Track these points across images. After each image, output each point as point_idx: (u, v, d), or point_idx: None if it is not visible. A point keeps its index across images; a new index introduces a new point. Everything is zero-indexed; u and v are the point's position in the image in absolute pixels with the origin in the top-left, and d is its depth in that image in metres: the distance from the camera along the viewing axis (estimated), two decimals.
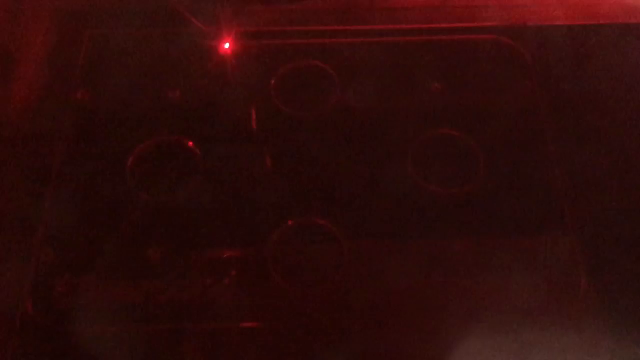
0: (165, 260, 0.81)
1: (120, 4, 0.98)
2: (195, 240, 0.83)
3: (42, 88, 0.93)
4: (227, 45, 0.94)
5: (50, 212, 0.84)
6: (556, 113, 0.91)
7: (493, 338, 0.75)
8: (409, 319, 0.78)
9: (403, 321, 0.78)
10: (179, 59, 0.96)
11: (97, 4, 0.99)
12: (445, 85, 0.93)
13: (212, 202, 0.85)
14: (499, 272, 0.80)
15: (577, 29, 0.97)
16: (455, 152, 0.88)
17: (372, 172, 0.87)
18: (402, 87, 0.94)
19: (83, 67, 0.95)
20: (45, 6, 0.98)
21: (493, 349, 0.74)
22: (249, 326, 0.77)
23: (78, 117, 0.91)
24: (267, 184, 0.87)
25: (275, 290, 0.79)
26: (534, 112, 0.91)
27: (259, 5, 1.00)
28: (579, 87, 0.93)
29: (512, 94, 0.93)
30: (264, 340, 0.77)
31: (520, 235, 0.82)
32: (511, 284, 0.79)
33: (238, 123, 0.91)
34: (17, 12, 0.93)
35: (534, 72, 0.94)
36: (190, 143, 0.89)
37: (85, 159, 0.88)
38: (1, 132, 0.89)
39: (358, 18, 1.00)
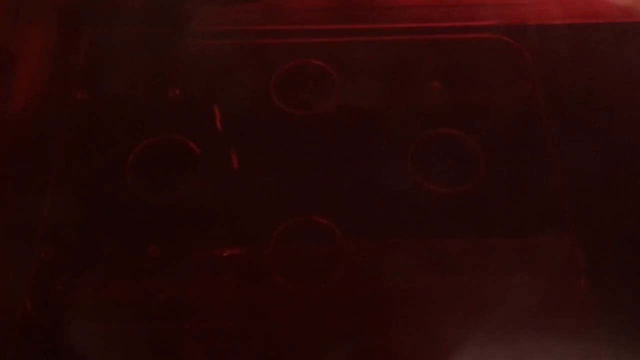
0: (165, 259, 0.81)
1: (120, 3, 0.98)
2: (195, 239, 0.83)
3: (41, 88, 0.93)
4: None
5: (50, 211, 0.84)
6: (556, 112, 0.91)
7: (493, 338, 0.75)
8: (409, 318, 0.78)
9: (403, 321, 0.78)
10: (179, 58, 0.95)
11: (97, 3, 0.99)
12: (444, 84, 0.93)
13: (212, 201, 0.85)
14: (498, 272, 0.80)
15: (577, 28, 0.97)
16: (455, 151, 0.88)
17: (372, 171, 0.87)
18: (402, 86, 0.94)
19: (83, 66, 0.95)
20: (45, 5, 0.97)
21: (493, 348, 0.74)
22: (249, 326, 0.78)
23: (78, 116, 0.91)
24: (267, 182, 0.87)
25: (275, 290, 0.80)
26: (534, 111, 0.91)
27: (257, 4, 1.00)
28: (579, 87, 0.92)
29: (512, 93, 0.93)
30: (263, 340, 0.77)
31: (520, 235, 0.82)
32: (511, 284, 0.79)
33: (238, 122, 0.91)
34: (16, 11, 0.93)
35: (533, 71, 0.94)
36: (190, 142, 0.89)
37: (85, 158, 0.88)
38: (1, 132, 0.89)
39: (358, 17, 1.00)
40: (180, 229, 0.84)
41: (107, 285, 0.79)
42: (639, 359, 0.74)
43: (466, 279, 0.80)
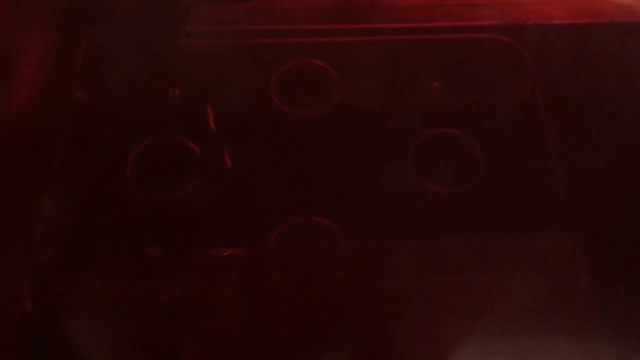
0: (165, 260, 0.81)
1: (120, 4, 0.98)
2: (195, 240, 0.83)
3: (41, 88, 0.93)
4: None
5: (50, 211, 0.84)
6: (556, 112, 0.91)
7: (493, 338, 0.75)
8: (409, 319, 0.78)
9: (403, 321, 0.78)
10: (179, 58, 0.96)
11: (97, 4, 0.99)
12: (445, 84, 0.93)
13: (212, 201, 0.85)
14: (499, 272, 0.80)
15: (577, 28, 0.97)
16: (455, 151, 0.88)
17: (372, 171, 0.87)
18: (402, 86, 0.94)
19: (82, 66, 0.95)
20: (45, 6, 0.97)
21: (493, 348, 0.74)
22: (249, 326, 0.78)
23: (77, 116, 0.91)
24: (267, 183, 0.87)
25: (275, 290, 0.79)
26: (534, 111, 0.91)
27: (258, 3, 1.00)
28: (579, 86, 0.93)
29: (512, 93, 0.93)
30: (263, 340, 0.77)
31: (521, 235, 0.82)
32: (511, 283, 0.79)
33: (238, 122, 0.91)
34: (16, 12, 0.93)
35: (533, 71, 0.94)
36: (190, 142, 0.89)
37: (84, 158, 0.88)
38: (1, 132, 0.89)
39: (358, 17, 1.00)
40: (180, 229, 0.84)
41: (106, 285, 0.79)
42: (639, 359, 0.74)
43: (466, 278, 0.80)
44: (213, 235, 0.83)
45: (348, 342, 0.76)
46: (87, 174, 0.87)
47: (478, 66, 0.95)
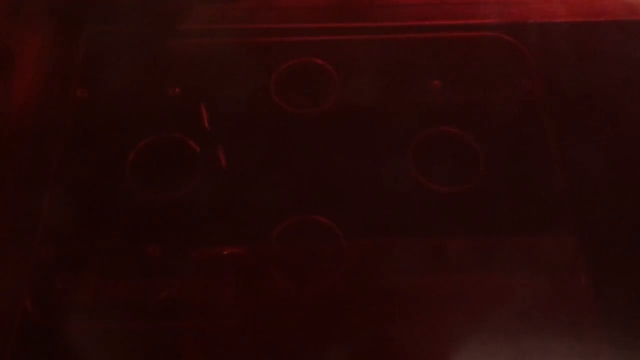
0: (165, 258, 0.81)
1: (120, 2, 0.98)
2: (195, 238, 0.83)
3: (41, 86, 0.93)
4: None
5: (50, 210, 0.84)
6: (557, 111, 0.90)
7: (493, 337, 0.75)
8: (409, 318, 0.78)
9: (403, 320, 0.78)
10: (178, 56, 0.96)
11: (96, 2, 0.99)
12: (445, 82, 0.93)
13: (212, 199, 0.85)
14: (499, 271, 0.80)
15: (579, 26, 0.97)
16: (455, 150, 0.88)
17: (372, 170, 0.87)
18: (402, 85, 0.94)
19: (82, 65, 0.95)
20: (45, 4, 0.97)
21: (493, 347, 0.74)
22: (249, 325, 0.77)
23: (77, 115, 0.91)
24: (267, 181, 0.86)
25: (275, 289, 0.79)
26: (535, 109, 0.91)
27: (258, 2, 1.00)
28: (581, 85, 0.92)
29: (513, 92, 0.93)
30: (263, 340, 0.77)
31: (521, 234, 0.82)
32: (511, 282, 0.79)
33: (238, 121, 0.91)
34: (16, 10, 0.93)
35: (534, 70, 0.94)
36: (190, 141, 0.88)
37: (84, 157, 0.88)
38: (1, 131, 0.89)
39: (358, 15, 0.99)
40: (180, 228, 0.84)
41: (106, 284, 0.79)
42: (638, 359, 0.74)
43: (466, 278, 0.80)
44: (213, 234, 0.83)
45: (348, 342, 0.76)
46: (87, 173, 0.87)
47: (478, 65, 0.95)
